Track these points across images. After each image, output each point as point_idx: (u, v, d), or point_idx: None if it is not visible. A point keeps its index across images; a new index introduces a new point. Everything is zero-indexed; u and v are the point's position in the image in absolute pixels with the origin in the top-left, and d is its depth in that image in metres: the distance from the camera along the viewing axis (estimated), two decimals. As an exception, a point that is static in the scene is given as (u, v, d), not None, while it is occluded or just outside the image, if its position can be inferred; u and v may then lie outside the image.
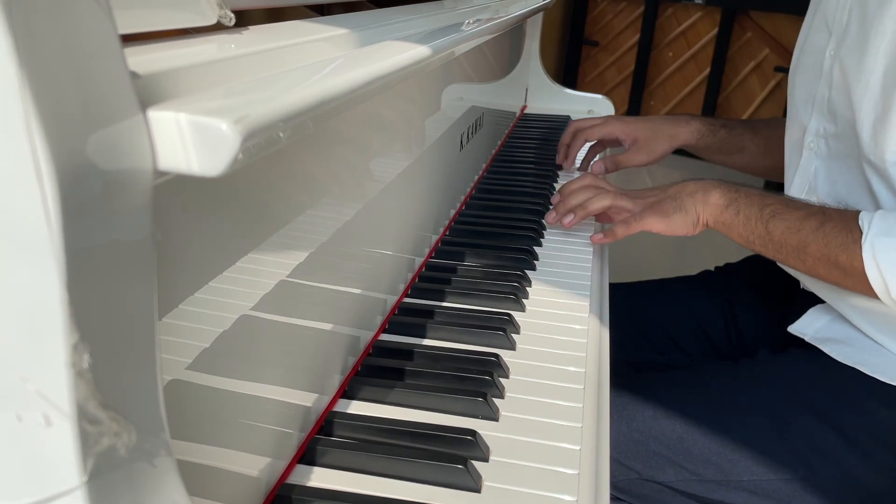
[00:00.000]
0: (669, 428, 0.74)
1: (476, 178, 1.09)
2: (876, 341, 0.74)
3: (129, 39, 0.34)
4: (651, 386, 0.79)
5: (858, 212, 0.69)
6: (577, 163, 1.20)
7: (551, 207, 0.93)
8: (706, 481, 0.73)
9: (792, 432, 0.72)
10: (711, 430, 0.73)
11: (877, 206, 0.74)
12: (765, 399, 0.75)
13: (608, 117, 1.16)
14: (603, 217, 0.92)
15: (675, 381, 0.81)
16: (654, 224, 0.81)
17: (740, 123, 1.09)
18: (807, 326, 0.80)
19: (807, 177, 0.84)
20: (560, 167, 1.20)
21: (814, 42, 0.85)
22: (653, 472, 0.75)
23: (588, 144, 1.19)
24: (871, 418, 0.71)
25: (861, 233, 0.67)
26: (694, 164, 1.12)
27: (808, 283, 0.83)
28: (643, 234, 0.84)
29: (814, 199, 0.82)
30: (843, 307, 0.77)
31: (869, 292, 0.67)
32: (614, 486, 0.76)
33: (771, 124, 1.06)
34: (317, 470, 0.49)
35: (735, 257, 1.06)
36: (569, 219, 0.88)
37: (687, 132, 1.08)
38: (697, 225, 0.80)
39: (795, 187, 0.85)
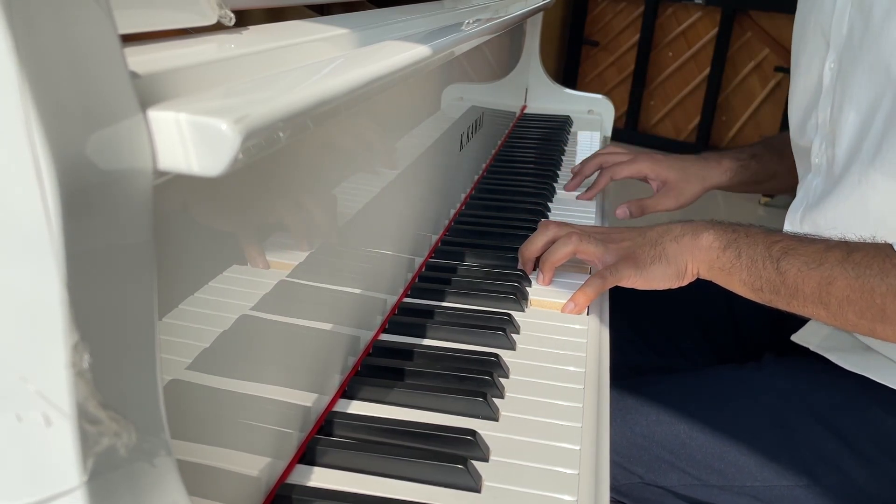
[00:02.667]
0: (672, 432, 0.73)
1: (476, 178, 1.09)
2: (884, 355, 0.72)
3: (129, 39, 0.34)
4: (654, 389, 0.78)
5: (889, 244, 0.59)
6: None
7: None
8: (709, 486, 0.73)
9: (796, 439, 0.72)
10: (715, 434, 0.72)
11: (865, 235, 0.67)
12: (769, 405, 0.74)
13: (638, 155, 1.06)
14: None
15: (678, 385, 0.80)
16: (629, 277, 0.69)
17: (766, 149, 1.02)
18: (811, 335, 0.78)
19: (807, 193, 0.80)
20: (565, 189, 1.11)
21: (809, 52, 0.79)
22: (655, 477, 0.74)
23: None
24: (876, 426, 0.70)
25: None
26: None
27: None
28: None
29: (808, 221, 0.77)
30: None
31: None
32: (616, 490, 0.76)
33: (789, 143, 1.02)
34: (317, 470, 0.49)
35: None
36: (541, 278, 0.77)
37: (718, 173, 1.00)
38: (684, 276, 0.69)
39: (797, 201, 0.81)
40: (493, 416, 0.55)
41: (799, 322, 0.80)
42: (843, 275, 0.59)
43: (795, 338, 0.80)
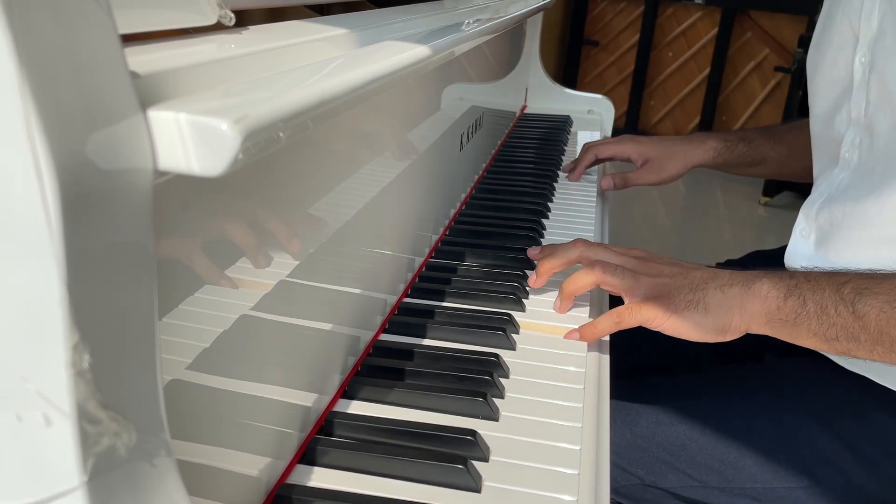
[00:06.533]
0: (672, 434, 0.73)
1: (476, 178, 1.09)
2: None
3: (129, 39, 0.34)
4: (654, 391, 0.78)
5: None
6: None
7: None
8: (709, 488, 0.72)
9: (797, 440, 0.71)
10: (715, 436, 0.72)
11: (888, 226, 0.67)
12: (770, 406, 0.74)
13: (622, 137, 1.14)
14: None
15: (678, 387, 0.80)
16: (654, 320, 0.62)
17: (759, 134, 1.05)
18: None
19: (830, 187, 0.79)
20: (561, 170, 1.21)
21: (836, 44, 0.79)
22: (655, 478, 0.74)
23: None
24: (877, 428, 0.70)
25: None
26: (698, 169, 1.09)
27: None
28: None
29: (824, 213, 0.77)
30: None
31: None
32: (616, 491, 0.76)
33: (793, 130, 1.04)
34: (317, 470, 0.49)
35: (736, 254, 1.05)
36: (557, 304, 0.72)
37: (701, 152, 1.05)
38: (726, 331, 0.61)
39: (816, 194, 0.81)
40: (493, 416, 0.55)
41: None
42: None
43: None
